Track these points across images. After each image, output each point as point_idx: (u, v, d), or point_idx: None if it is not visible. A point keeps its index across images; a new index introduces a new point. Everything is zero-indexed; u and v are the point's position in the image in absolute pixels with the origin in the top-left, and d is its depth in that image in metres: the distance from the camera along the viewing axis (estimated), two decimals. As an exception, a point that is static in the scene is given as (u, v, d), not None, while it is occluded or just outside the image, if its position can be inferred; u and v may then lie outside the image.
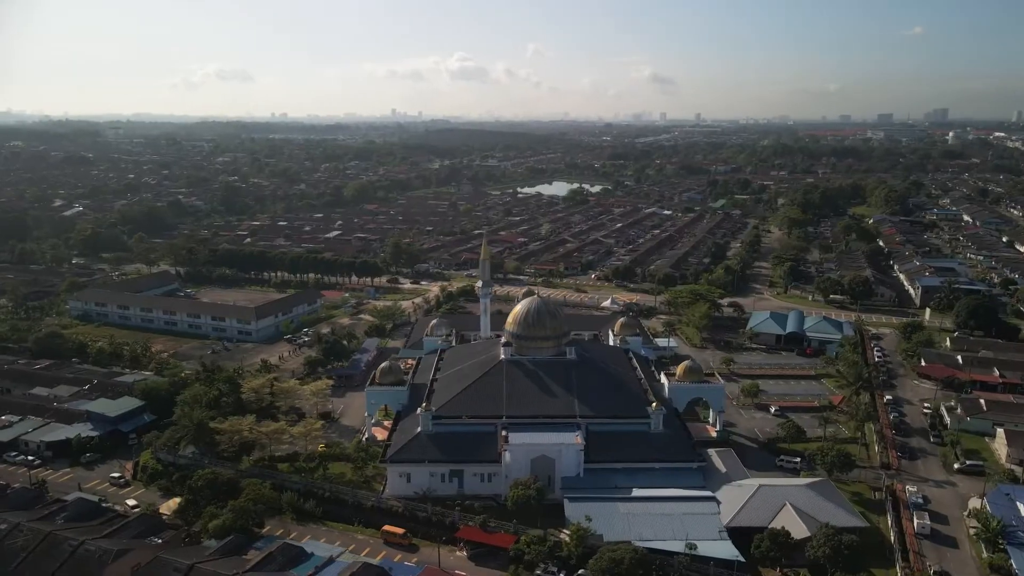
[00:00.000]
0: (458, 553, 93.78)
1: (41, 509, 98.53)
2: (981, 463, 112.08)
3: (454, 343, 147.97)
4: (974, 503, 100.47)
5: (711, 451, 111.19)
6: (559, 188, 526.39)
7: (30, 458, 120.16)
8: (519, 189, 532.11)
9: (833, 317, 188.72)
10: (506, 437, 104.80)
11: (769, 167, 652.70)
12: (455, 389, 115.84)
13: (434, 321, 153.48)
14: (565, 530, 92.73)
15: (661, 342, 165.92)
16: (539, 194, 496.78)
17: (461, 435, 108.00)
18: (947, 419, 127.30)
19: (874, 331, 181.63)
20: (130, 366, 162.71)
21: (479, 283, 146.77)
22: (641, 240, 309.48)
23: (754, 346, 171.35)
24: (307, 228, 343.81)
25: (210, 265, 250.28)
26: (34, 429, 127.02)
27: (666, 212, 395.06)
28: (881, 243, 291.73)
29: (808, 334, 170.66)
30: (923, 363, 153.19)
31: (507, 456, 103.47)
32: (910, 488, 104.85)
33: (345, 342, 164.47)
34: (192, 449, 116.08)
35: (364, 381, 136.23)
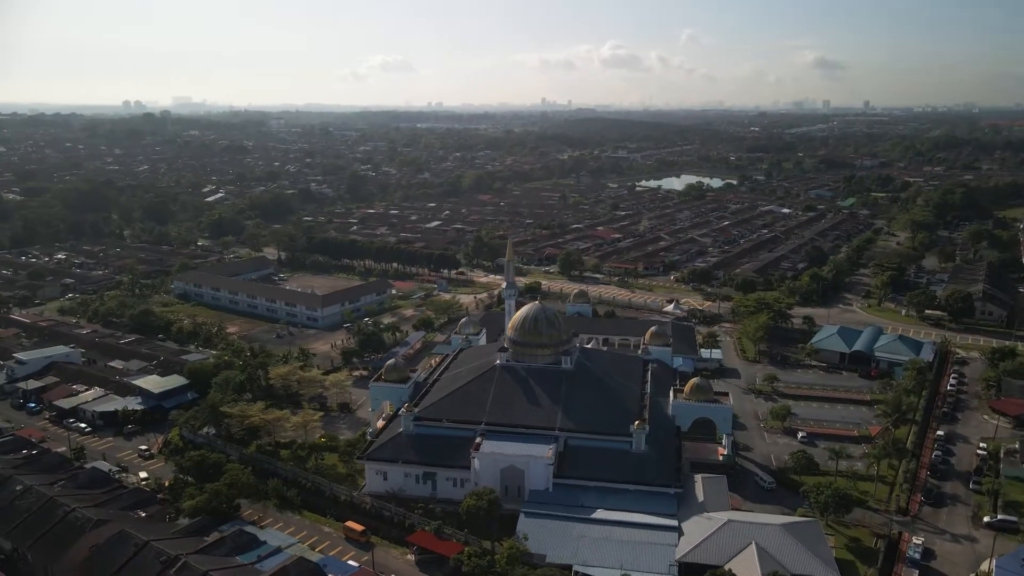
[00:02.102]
0: (408, 557, 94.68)
1: (61, 474, 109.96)
2: (1016, 519, 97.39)
3: (484, 342, 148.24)
4: (986, 566, 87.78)
5: (698, 477, 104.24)
6: (686, 181, 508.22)
7: (82, 425, 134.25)
8: (638, 183, 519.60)
9: (922, 336, 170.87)
10: (478, 444, 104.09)
11: (925, 162, 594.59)
12: (445, 391, 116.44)
13: (463, 319, 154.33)
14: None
15: (707, 353, 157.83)
16: (659, 188, 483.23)
17: (439, 438, 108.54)
18: (1001, 464, 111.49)
19: (962, 355, 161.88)
20: (203, 345, 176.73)
21: (503, 284, 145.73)
22: (742, 240, 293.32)
23: (813, 363, 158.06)
24: (413, 217, 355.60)
25: (306, 252, 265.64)
26: (94, 399, 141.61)
27: (784, 210, 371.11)
28: None
29: (876, 354, 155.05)
30: (1001, 396, 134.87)
31: (476, 463, 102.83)
32: (915, 540, 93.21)
33: (388, 334, 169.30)
34: (209, 429, 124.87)
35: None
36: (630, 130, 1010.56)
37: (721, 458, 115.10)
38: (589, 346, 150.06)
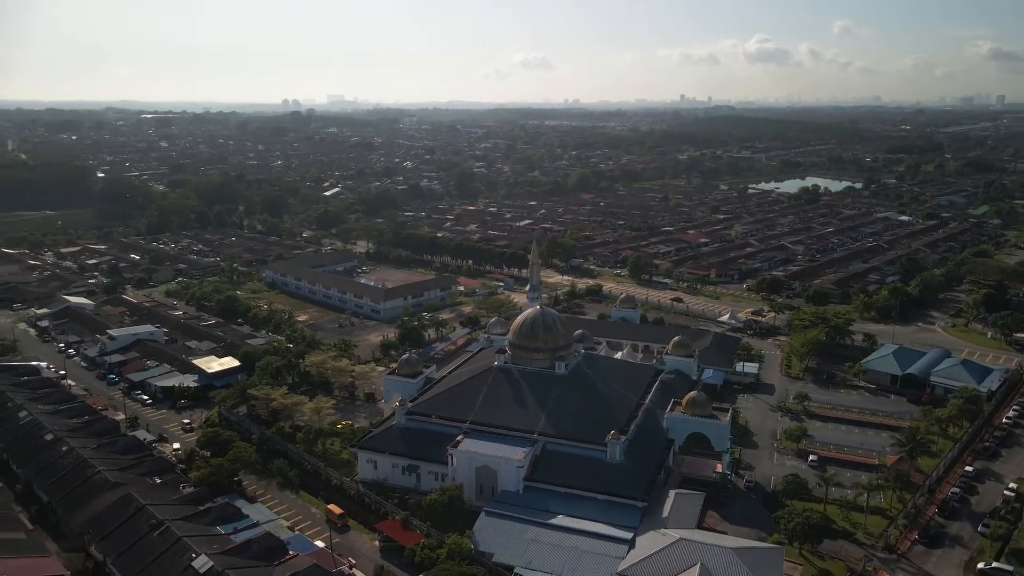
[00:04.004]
0: (374, 543, 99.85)
1: (105, 440, 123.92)
2: (1011, 568, 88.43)
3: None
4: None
5: (673, 492, 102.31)
6: (808, 184, 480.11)
7: (145, 397, 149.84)
8: (753, 185, 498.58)
9: (1002, 362, 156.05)
10: (457, 442, 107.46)
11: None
12: (443, 388, 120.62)
13: (493, 319, 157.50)
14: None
15: (750, 367, 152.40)
16: (772, 191, 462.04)
17: (427, 433, 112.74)
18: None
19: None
20: (273, 331, 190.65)
21: (527, 287, 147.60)
22: (839, 249, 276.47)
23: (861, 384, 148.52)
24: (508, 215, 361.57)
25: (391, 246, 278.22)
26: (160, 375, 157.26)
27: (902, 217, 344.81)
28: None
29: (932, 379, 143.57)
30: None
31: (453, 460, 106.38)
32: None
33: (433, 330, 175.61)
34: (241, 409, 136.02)
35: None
36: (762, 128, 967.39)
37: (714, 475, 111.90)
38: (622, 353, 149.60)
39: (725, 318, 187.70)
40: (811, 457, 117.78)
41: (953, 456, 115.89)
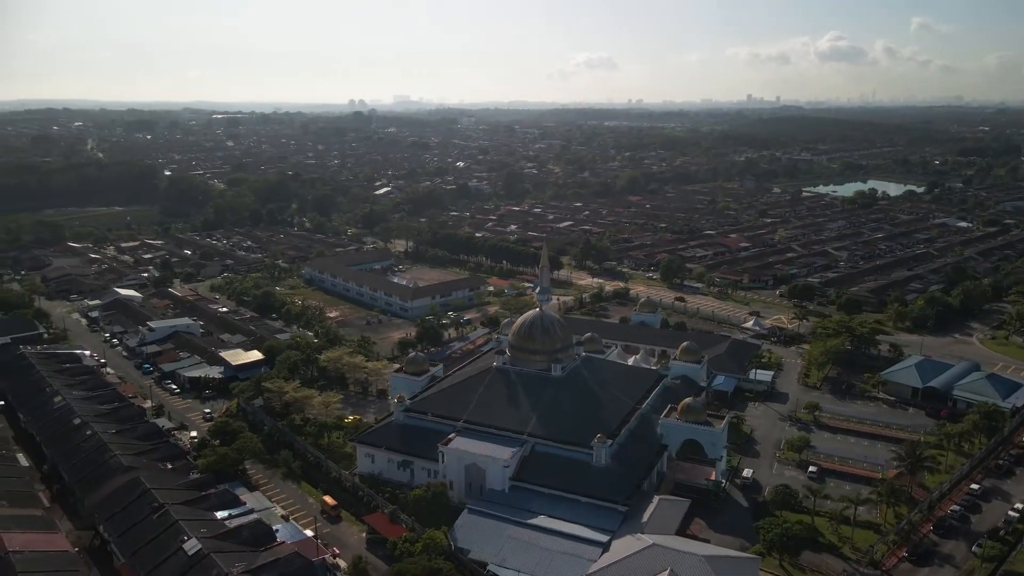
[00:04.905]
0: (361, 535, 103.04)
1: (127, 426, 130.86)
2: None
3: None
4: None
5: (657, 498, 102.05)
6: (870, 187, 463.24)
7: (174, 387, 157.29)
8: (809, 188, 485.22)
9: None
10: (448, 440, 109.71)
11: None
12: (443, 386, 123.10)
13: (506, 320, 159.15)
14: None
15: (764, 374, 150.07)
16: (828, 194, 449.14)
17: (423, 430, 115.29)
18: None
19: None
20: (304, 326, 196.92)
21: (537, 289, 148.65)
22: (887, 255, 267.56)
23: (880, 396, 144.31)
24: (550, 217, 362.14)
25: (429, 245, 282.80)
26: (189, 366, 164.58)
27: (961, 223, 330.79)
28: None
29: (955, 393, 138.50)
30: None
31: (443, 458, 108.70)
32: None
33: (453, 329, 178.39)
34: (257, 401, 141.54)
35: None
36: (828, 129, 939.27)
37: (706, 482, 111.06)
38: (635, 357, 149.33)
39: (749, 324, 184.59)
40: (811, 468, 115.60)
41: (962, 473, 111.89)
